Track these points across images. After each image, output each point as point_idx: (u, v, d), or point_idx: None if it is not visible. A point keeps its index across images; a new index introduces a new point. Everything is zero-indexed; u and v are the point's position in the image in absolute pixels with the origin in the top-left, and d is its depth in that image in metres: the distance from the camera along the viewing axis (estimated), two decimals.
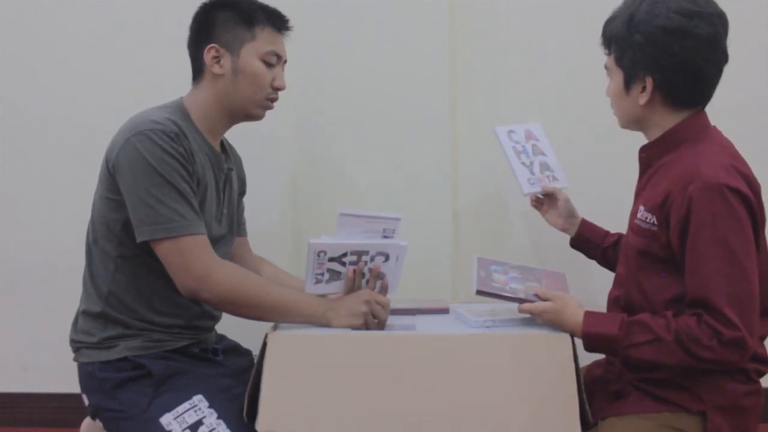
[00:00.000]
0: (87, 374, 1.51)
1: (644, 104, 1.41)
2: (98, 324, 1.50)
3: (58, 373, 2.26)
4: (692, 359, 1.30)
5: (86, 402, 1.53)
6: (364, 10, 2.11)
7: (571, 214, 1.78)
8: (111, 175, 1.46)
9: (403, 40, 2.14)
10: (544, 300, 1.46)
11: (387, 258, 1.52)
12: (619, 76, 1.43)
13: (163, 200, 1.39)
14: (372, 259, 1.51)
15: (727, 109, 1.52)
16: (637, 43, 1.37)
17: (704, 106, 1.44)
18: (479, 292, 1.49)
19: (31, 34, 2.25)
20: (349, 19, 2.10)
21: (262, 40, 1.55)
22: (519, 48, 2.18)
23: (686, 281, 1.33)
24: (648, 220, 1.40)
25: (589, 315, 1.41)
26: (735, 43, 1.44)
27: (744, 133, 1.46)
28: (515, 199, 2.19)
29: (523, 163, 1.82)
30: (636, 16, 1.37)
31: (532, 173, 1.81)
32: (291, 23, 1.61)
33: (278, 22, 1.58)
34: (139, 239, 1.42)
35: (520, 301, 1.48)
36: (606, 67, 1.49)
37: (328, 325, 1.45)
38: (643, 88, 1.40)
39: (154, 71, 2.22)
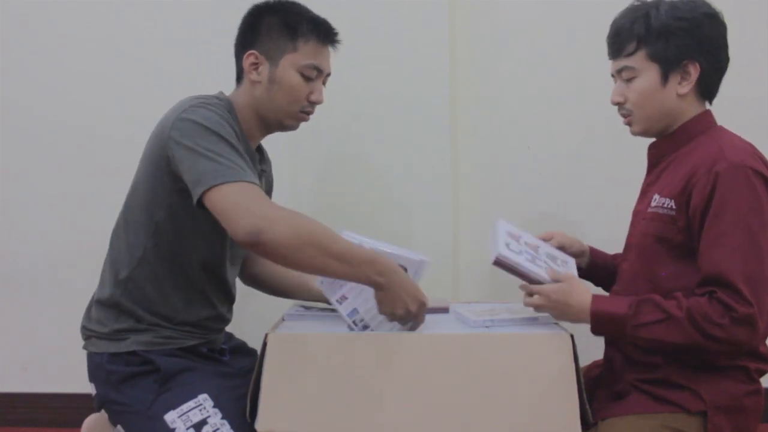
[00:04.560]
0: (95, 364, 1.51)
1: (683, 94, 1.43)
2: (111, 314, 1.50)
3: (58, 373, 2.28)
4: (703, 337, 1.30)
5: (93, 391, 1.53)
6: (364, 10, 2.12)
7: (581, 252, 1.69)
8: (162, 154, 1.43)
9: (403, 40, 2.14)
10: (555, 281, 1.45)
11: (405, 271, 1.49)
12: (652, 72, 1.43)
13: (222, 153, 1.36)
14: None
15: (727, 109, 1.52)
16: (683, 30, 1.40)
17: (711, 101, 1.50)
18: (498, 262, 1.45)
19: (31, 34, 2.26)
20: (349, 19, 2.10)
21: (304, 52, 1.53)
22: (519, 48, 2.18)
23: (700, 259, 1.34)
24: (666, 205, 1.41)
25: (597, 296, 1.42)
26: (735, 42, 1.45)
27: (744, 134, 1.46)
28: (515, 198, 2.20)
29: (537, 265, 1.53)
30: (676, 7, 1.42)
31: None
32: (339, 37, 1.59)
33: (324, 35, 1.56)
34: (196, 194, 1.34)
35: (531, 281, 1.46)
36: (619, 72, 1.48)
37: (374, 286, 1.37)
38: (683, 78, 1.43)
39: (154, 72, 2.22)
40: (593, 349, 1.61)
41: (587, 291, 1.44)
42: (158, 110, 1.63)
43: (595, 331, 1.42)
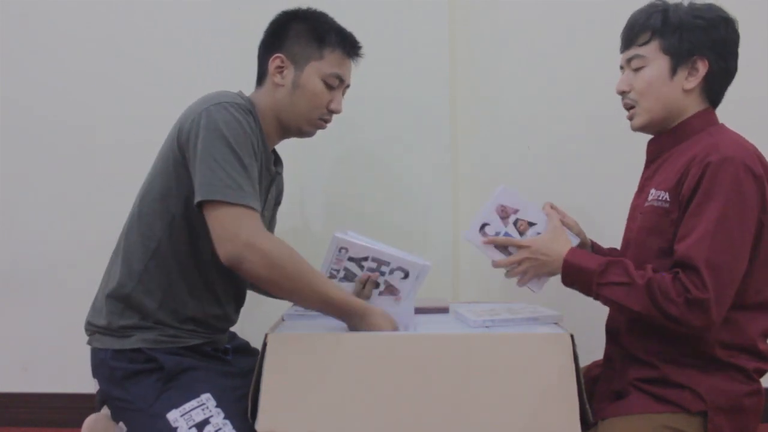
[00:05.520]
0: (99, 360, 1.51)
1: (689, 89, 1.45)
2: (117, 308, 1.50)
3: (58, 373, 2.28)
4: (657, 310, 1.33)
5: (96, 387, 1.53)
6: (365, 10, 2.12)
7: (583, 244, 1.69)
8: (181, 146, 1.46)
9: (403, 40, 2.14)
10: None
11: (407, 275, 1.50)
12: (662, 63, 1.45)
13: (225, 167, 1.39)
14: (391, 272, 1.50)
15: (727, 110, 1.53)
16: (698, 27, 1.43)
17: (716, 107, 1.51)
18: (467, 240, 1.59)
19: (31, 34, 2.26)
20: (349, 19, 2.10)
21: (329, 61, 1.57)
22: (519, 48, 2.18)
23: (676, 242, 1.36)
24: (661, 198, 1.42)
25: (575, 249, 1.50)
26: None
27: (743, 134, 1.46)
28: None
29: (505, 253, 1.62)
30: (695, 7, 1.46)
31: None
32: (362, 51, 1.64)
33: (350, 47, 1.61)
34: (196, 200, 1.40)
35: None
36: (629, 62, 1.49)
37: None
38: (690, 73, 1.45)
39: (154, 72, 2.22)
40: (593, 349, 1.62)
41: (568, 242, 1.51)
42: (158, 110, 1.63)
43: (565, 281, 1.48)
